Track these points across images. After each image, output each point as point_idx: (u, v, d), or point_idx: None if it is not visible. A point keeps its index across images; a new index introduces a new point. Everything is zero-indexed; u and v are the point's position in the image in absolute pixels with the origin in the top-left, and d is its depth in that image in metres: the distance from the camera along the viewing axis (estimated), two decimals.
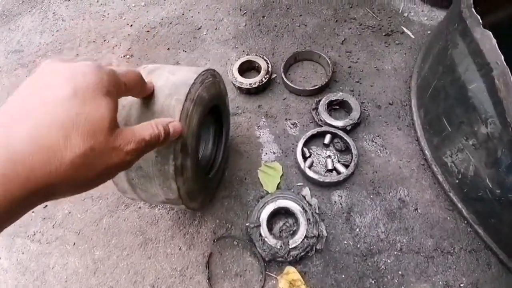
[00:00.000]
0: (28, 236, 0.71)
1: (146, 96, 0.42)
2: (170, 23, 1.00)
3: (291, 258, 0.58)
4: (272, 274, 0.60)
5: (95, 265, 0.65)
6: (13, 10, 1.18)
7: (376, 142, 0.72)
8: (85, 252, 0.66)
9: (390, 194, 0.66)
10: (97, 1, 1.11)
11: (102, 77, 0.27)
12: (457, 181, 0.60)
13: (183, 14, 1.02)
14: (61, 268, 0.66)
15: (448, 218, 0.62)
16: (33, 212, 0.73)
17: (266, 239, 0.59)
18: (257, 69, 0.84)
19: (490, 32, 0.50)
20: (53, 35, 1.06)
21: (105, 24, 1.04)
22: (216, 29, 0.96)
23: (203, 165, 0.65)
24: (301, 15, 0.95)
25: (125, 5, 1.07)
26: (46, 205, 0.73)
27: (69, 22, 1.08)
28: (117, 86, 0.29)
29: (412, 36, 0.87)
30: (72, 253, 0.67)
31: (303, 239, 0.58)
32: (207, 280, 0.60)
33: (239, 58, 0.83)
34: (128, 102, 0.44)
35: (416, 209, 0.64)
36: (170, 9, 1.04)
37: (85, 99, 0.25)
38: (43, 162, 0.22)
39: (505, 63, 0.46)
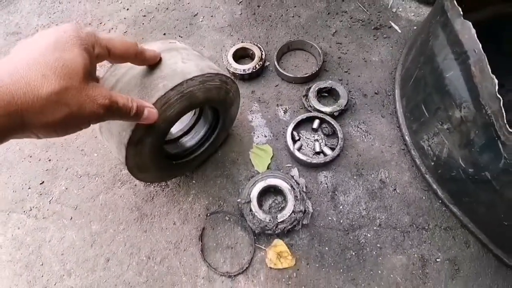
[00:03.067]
0: (24, 212, 0.73)
1: (151, 65, 0.45)
2: (167, 8, 1.02)
3: (279, 231, 0.62)
4: (261, 246, 0.64)
5: (92, 238, 0.68)
6: None
7: (361, 128, 0.76)
8: (82, 226, 0.69)
9: (372, 176, 0.71)
10: None
11: (80, 35, 0.31)
12: (432, 163, 0.66)
13: (179, 0, 1.03)
14: (58, 242, 0.68)
15: (424, 197, 0.68)
16: (29, 188, 0.75)
17: (256, 214, 0.63)
18: (251, 57, 0.87)
19: (470, 23, 0.52)
20: (50, 17, 1.06)
21: (101, 7, 1.04)
22: (212, 16, 0.98)
23: (176, 151, 0.64)
24: (295, 6, 0.98)
25: None
26: (43, 181, 0.75)
27: (66, 4, 1.08)
28: (96, 46, 0.33)
29: (399, 31, 0.92)
30: (69, 227, 0.69)
31: (290, 214, 0.63)
32: (200, 252, 0.64)
33: (234, 45, 0.86)
34: (121, 72, 0.46)
35: (395, 189, 0.69)
36: None
37: (64, 49, 0.29)
38: (22, 92, 0.26)
39: (482, 51, 0.49)
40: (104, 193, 0.72)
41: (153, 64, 0.45)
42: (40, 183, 0.75)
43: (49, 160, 0.78)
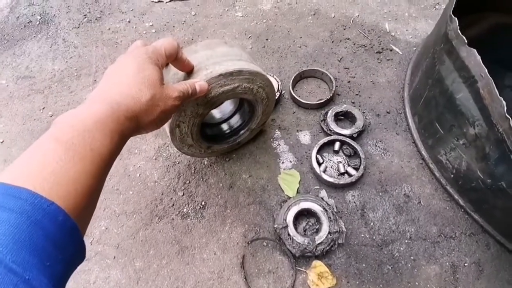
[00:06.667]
0: None
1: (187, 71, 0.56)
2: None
3: (319, 252, 0.65)
4: (301, 269, 0.67)
5: (137, 275, 0.70)
6: (15, 35, 1.18)
7: (379, 146, 0.82)
8: (125, 264, 0.71)
9: (396, 191, 0.75)
10: (108, 29, 1.18)
11: (149, 55, 0.43)
12: (452, 175, 0.71)
13: (192, 39, 1.11)
14: (103, 282, 0.70)
15: (447, 208, 0.72)
16: None
17: (294, 238, 0.67)
18: None
19: (475, 50, 0.57)
20: (66, 61, 1.11)
21: (119, 51, 1.11)
22: None
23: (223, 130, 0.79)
24: (301, 37, 1.06)
25: (137, 33, 1.15)
26: None
27: (82, 49, 1.14)
28: (160, 57, 0.44)
29: (400, 53, 1.00)
30: (113, 266, 0.72)
31: (327, 235, 0.66)
32: (244, 279, 0.67)
33: None
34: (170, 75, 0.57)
35: (419, 202, 0.73)
36: (180, 35, 1.12)
37: (144, 69, 0.41)
38: (132, 104, 0.39)
39: (488, 75, 0.55)
40: (143, 229, 0.75)
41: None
42: None
43: None
